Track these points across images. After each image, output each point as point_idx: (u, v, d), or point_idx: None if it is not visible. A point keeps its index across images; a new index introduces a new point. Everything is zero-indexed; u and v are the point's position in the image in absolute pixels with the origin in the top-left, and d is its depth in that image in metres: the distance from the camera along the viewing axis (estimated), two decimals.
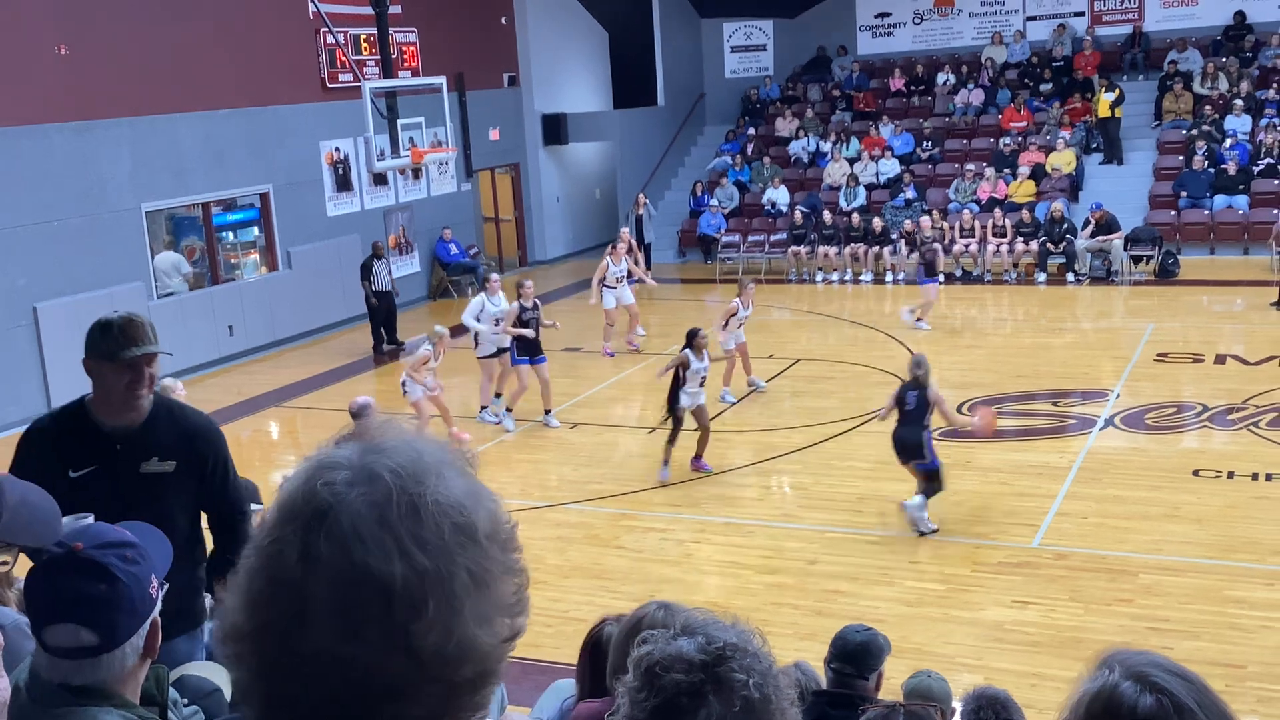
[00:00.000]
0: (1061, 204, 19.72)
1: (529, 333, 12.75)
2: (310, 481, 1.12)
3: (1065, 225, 19.38)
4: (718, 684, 1.34)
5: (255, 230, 18.36)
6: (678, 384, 10.95)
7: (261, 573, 1.11)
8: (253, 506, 4.52)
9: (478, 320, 13.07)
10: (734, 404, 13.35)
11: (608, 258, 16.16)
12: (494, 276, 13.68)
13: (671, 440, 11.06)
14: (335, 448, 1.16)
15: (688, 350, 11.03)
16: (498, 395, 13.44)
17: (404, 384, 12.22)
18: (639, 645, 1.46)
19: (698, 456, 11.23)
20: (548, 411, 13.04)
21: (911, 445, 9.45)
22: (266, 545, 1.11)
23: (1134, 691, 1.65)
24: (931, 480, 9.45)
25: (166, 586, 2.08)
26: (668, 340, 16.50)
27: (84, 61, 15.03)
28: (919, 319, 16.22)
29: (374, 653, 1.07)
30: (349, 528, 1.08)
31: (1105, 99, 21.58)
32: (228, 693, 2.80)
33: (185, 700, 2.48)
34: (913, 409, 9.42)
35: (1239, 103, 21.37)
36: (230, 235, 18.27)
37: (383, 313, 17.37)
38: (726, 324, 13.15)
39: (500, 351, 13.11)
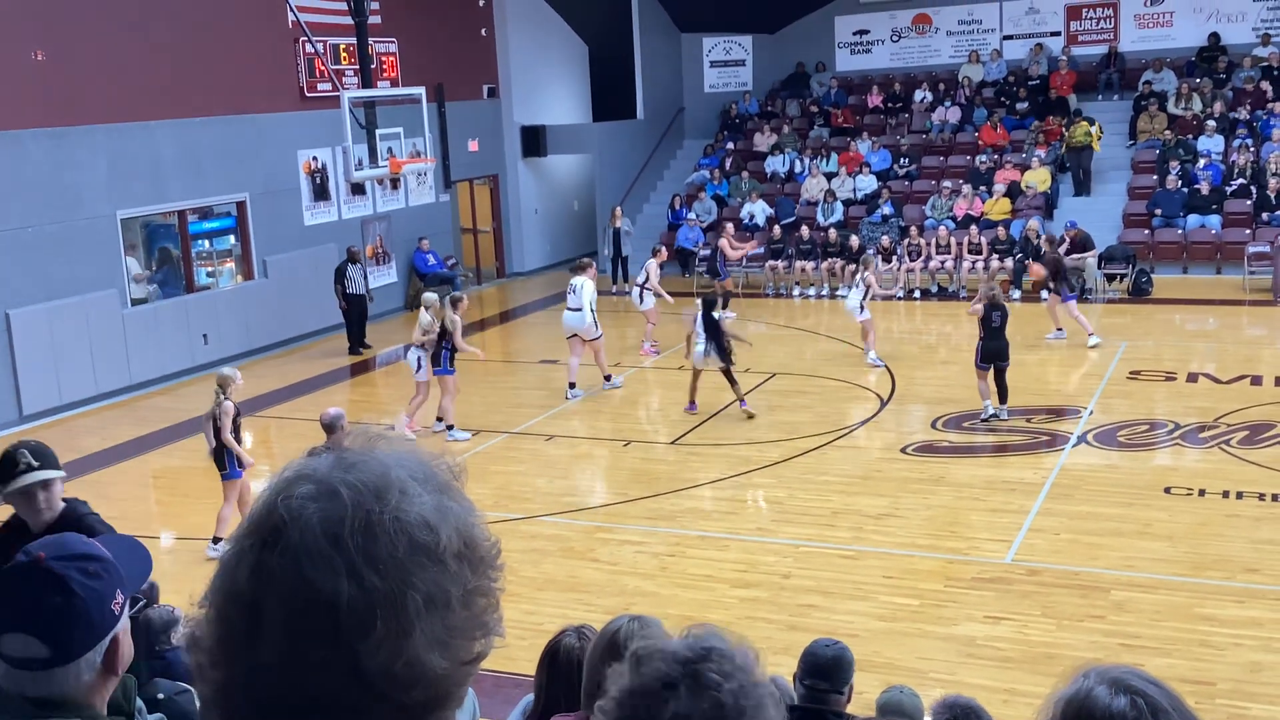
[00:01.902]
0: (1036, 222, 19.86)
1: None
2: (274, 496, 1.11)
3: (1039, 242, 19.49)
4: (694, 680, 1.34)
5: (232, 239, 18.28)
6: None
7: (220, 587, 1.11)
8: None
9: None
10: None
11: (654, 261, 16.97)
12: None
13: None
14: (309, 459, 1.15)
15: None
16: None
17: (418, 360, 12.98)
18: (637, 640, 1.47)
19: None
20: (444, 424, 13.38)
21: (1004, 350, 12.53)
22: (228, 559, 1.11)
23: (1108, 695, 1.66)
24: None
25: (144, 602, 2.06)
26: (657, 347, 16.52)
27: (61, 68, 14.95)
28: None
29: (320, 671, 1.05)
30: (299, 544, 1.07)
31: (1085, 126, 21.66)
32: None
33: (162, 696, 2.45)
34: (999, 325, 12.43)
35: (1212, 123, 21.59)
36: (206, 243, 18.19)
37: (354, 316, 17.53)
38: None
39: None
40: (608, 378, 14.85)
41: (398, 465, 1.14)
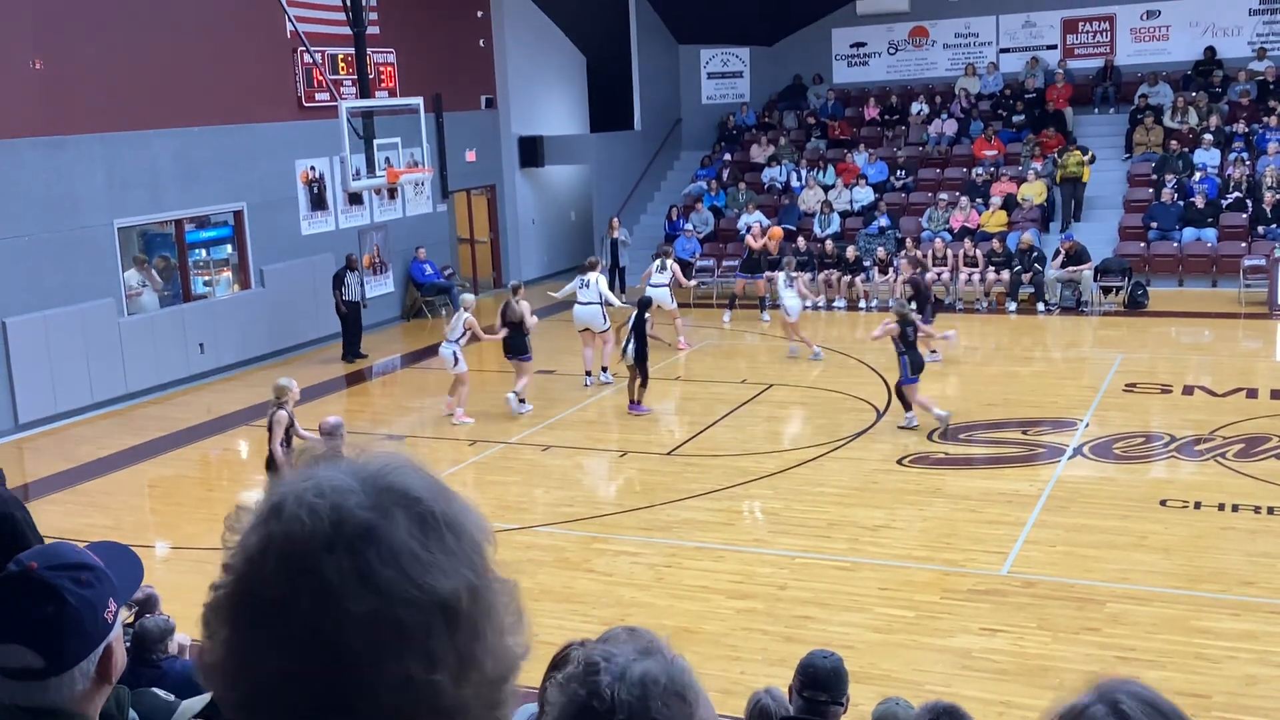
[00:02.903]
0: (1032, 234, 19.90)
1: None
2: (332, 500, 1.04)
3: (1035, 255, 19.55)
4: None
5: (229, 248, 18.28)
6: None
7: (291, 612, 1.01)
8: None
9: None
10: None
11: (669, 260, 17.52)
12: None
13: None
14: (323, 469, 1.09)
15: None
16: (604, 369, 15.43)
17: (454, 354, 13.86)
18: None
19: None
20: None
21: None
22: (296, 578, 1.01)
23: (1102, 714, 1.65)
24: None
25: (138, 609, 2.06)
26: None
27: (59, 76, 14.96)
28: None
29: (443, 674, 1.03)
30: (402, 548, 1.02)
31: (1078, 156, 21.47)
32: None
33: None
34: (914, 339, 12.99)
35: (1208, 137, 21.65)
36: (203, 253, 18.19)
37: (350, 323, 17.61)
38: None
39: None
40: (604, 369, 15.52)
41: (421, 471, 1.12)
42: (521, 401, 14.23)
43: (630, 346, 13.93)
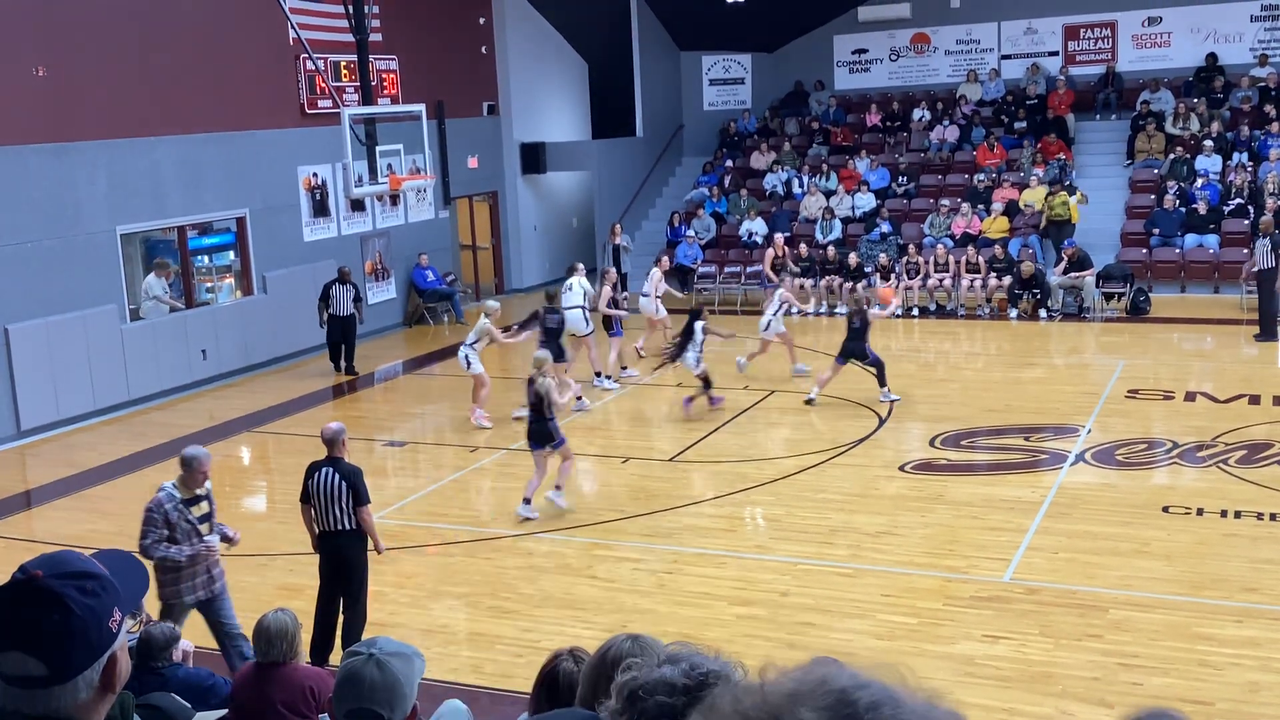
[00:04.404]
0: (1034, 244, 19.90)
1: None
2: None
3: (1039, 281, 19.51)
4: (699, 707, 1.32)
5: (231, 254, 18.30)
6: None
7: None
8: None
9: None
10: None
11: (658, 270, 17.28)
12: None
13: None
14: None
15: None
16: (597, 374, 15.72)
17: (466, 358, 13.99)
18: (623, 672, 1.44)
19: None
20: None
21: (861, 350, 14.08)
22: None
23: None
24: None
25: (143, 616, 2.05)
26: (645, 365, 16.54)
27: (62, 83, 14.99)
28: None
29: None
30: None
31: (1064, 197, 20.62)
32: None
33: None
34: (858, 327, 13.94)
35: (1210, 143, 21.66)
36: (206, 259, 18.21)
37: (338, 337, 17.34)
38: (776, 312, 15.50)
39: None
40: (598, 374, 15.77)
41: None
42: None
43: (691, 355, 14.08)
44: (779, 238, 20.95)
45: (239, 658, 7.47)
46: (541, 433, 10.89)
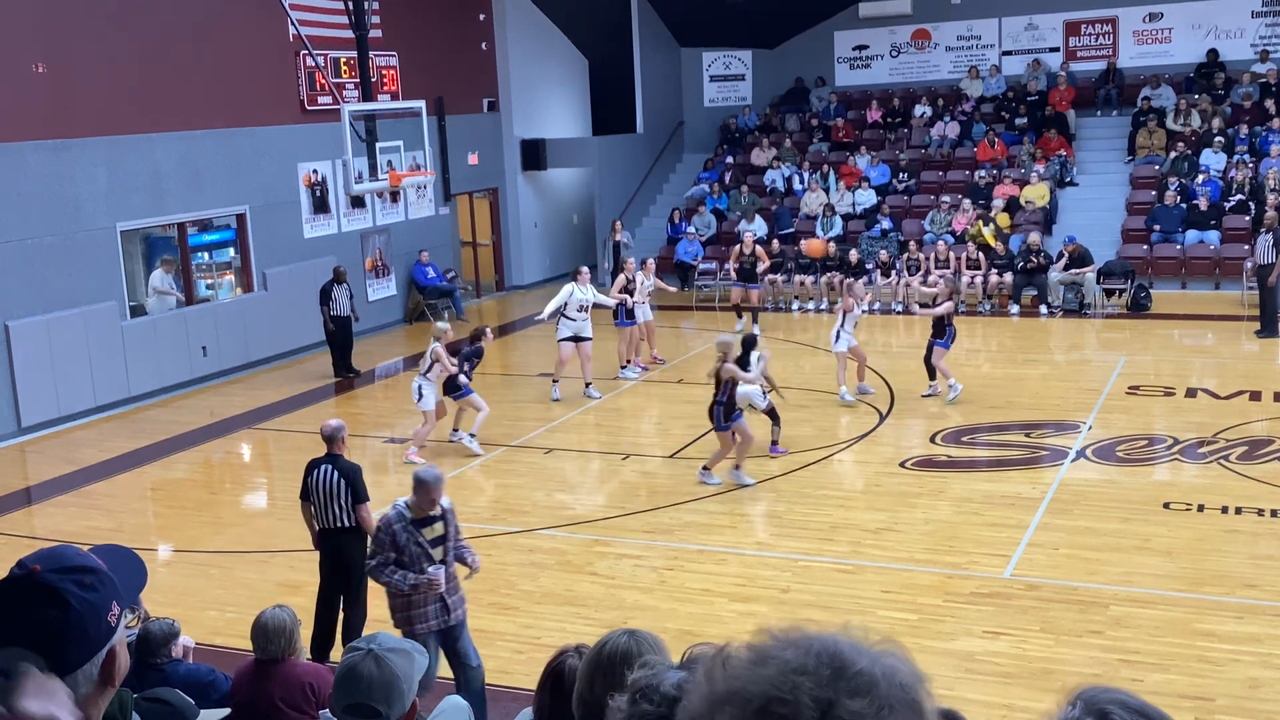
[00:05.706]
0: (1036, 236, 19.89)
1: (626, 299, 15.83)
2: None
3: (1041, 255, 19.52)
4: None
5: (231, 251, 18.29)
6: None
7: None
8: None
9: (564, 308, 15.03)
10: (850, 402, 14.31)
11: (642, 272, 16.56)
12: (584, 269, 15.81)
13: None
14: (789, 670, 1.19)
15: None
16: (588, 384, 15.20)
17: (419, 389, 12.67)
18: (640, 669, 1.44)
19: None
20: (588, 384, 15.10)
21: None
22: None
23: None
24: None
25: (141, 611, 2.04)
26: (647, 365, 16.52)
27: (62, 80, 14.99)
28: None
29: None
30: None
31: (979, 228, 20.46)
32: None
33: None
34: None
35: (1221, 139, 21.63)
36: (206, 256, 18.20)
37: (339, 339, 17.12)
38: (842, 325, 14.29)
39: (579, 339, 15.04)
40: (588, 385, 15.23)
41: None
42: (472, 437, 12.99)
43: (752, 390, 12.39)
44: (749, 235, 19.46)
45: (465, 690, 6.90)
46: (713, 412, 11.65)
